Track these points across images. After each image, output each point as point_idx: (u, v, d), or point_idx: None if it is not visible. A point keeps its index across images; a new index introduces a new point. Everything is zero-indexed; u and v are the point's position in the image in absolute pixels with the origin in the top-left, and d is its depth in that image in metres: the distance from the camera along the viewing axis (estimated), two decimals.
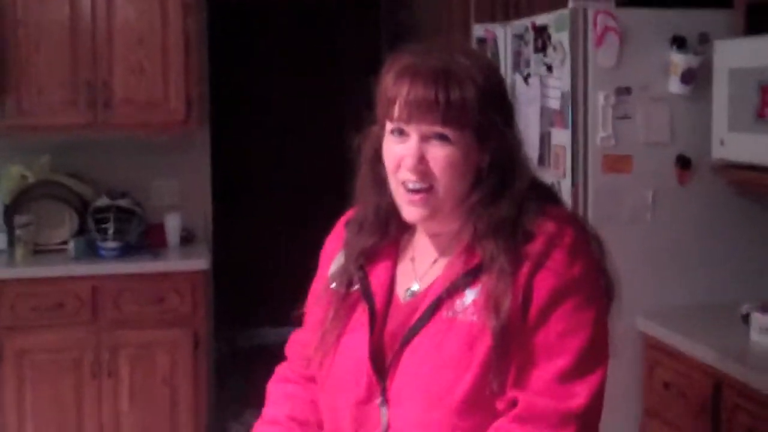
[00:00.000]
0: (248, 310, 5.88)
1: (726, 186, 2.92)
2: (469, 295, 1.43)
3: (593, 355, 1.40)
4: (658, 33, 2.91)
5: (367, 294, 1.54)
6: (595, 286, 1.44)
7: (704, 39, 2.89)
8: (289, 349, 1.73)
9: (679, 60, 2.88)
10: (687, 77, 2.88)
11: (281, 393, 1.68)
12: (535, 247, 1.41)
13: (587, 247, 1.46)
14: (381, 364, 1.48)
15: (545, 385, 1.38)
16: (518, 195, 1.45)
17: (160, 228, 4.26)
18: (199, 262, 4.02)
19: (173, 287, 3.96)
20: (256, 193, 6.06)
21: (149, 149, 4.47)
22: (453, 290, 1.44)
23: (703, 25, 2.91)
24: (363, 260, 1.56)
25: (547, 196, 1.53)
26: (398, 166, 1.45)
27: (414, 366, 1.44)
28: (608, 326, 1.45)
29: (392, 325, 1.51)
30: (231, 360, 5.48)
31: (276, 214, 6.04)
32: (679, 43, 2.89)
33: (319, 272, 1.67)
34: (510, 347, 1.38)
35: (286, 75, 6.05)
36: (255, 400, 1.85)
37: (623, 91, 2.90)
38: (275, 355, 1.79)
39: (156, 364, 3.95)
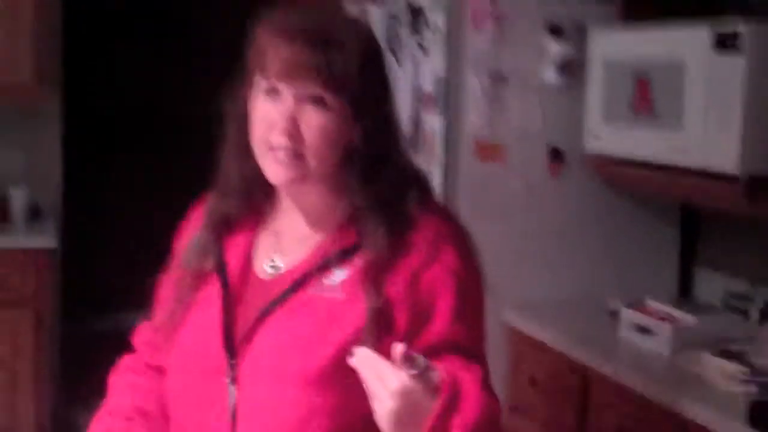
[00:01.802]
0: (107, 292, 5.57)
1: (598, 180, 2.89)
2: (338, 275, 1.36)
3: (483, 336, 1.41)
4: (536, 20, 2.84)
5: (220, 267, 1.44)
6: (482, 282, 1.43)
7: (581, 28, 2.83)
8: (136, 339, 1.62)
9: (555, 49, 2.82)
10: (563, 67, 2.83)
11: (123, 383, 1.57)
12: (421, 237, 1.36)
13: (471, 243, 1.43)
14: (232, 342, 1.38)
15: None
16: (396, 177, 1.40)
17: (3, 203, 3.96)
18: (45, 240, 3.78)
19: (16, 266, 3.70)
20: (117, 167, 5.74)
21: None
22: (322, 268, 1.37)
23: (581, 14, 2.86)
24: (222, 230, 1.47)
25: (426, 187, 1.47)
26: (268, 129, 1.35)
27: (267, 343, 1.36)
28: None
29: (248, 301, 1.42)
30: (86, 345, 5.17)
31: (139, 191, 5.74)
32: (556, 31, 2.83)
33: (172, 262, 1.55)
34: (381, 332, 1.30)
35: (149, 47, 5.76)
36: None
37: (498, 78, 2.82)
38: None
39: None
